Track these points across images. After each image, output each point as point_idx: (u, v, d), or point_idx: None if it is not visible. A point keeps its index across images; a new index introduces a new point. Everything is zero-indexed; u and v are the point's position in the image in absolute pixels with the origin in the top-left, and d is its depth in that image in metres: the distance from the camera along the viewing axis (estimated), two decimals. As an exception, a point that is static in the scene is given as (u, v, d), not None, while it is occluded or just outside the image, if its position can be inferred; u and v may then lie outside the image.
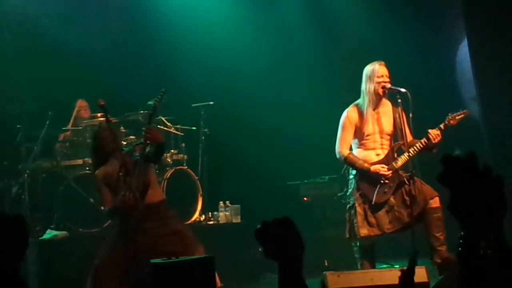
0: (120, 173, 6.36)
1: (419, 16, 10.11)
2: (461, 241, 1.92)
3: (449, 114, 7.09)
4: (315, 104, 10.37)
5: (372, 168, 7.01)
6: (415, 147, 6.99)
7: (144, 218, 6.42)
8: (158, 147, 6.46)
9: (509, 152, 8.84)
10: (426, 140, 6.96)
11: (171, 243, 6.46)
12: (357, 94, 7.29)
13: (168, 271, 5.34)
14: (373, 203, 7.00)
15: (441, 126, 7.02)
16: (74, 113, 9.76)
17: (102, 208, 7.00)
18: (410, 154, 6.99)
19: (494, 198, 1.91)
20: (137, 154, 6.46)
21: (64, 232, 8.71)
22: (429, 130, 6.99)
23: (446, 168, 1.93)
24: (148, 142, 6.40)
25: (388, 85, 7.06)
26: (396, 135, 7.19)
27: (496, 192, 1.92)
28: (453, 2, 9.90)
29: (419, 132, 7.14)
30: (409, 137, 7.12)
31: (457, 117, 7.07)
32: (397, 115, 7.13)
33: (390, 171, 7.02)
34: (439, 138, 6.97)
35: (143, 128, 6.60)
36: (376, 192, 7.00)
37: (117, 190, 6.39)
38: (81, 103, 9.83)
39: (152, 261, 5.47)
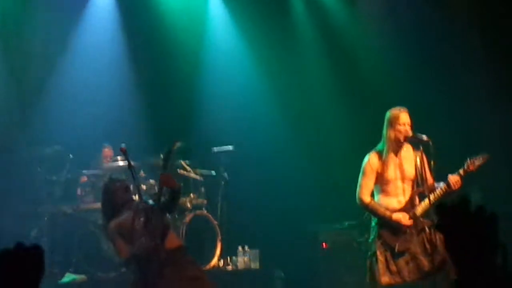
0: (136, 221, 6.37)
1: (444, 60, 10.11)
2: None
3: (468, 159, 7.06)
4: (335, 148, 10.36)
5: (394, 216, 6.96)
6: (435, 194, 6.95)
7: (163, 264, 6.41)
8: (173, 193, 6.47)
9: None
10: (446, 186, 6.93)
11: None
12: (378, 138, 7.27)
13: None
14: (396, 251, 6.93)
15: (461, 171, 6.99)
16: (102, 158, 9.81)
17: (118, 258, 6.95)
18: (430, 200, 6.95)
19: (485, 239, 1.91)
20: (152, 201, 6.48)
21: (83, 276, 8.71)
22: (449, 176, 6.96)
23: (438, 216, 1.94)
24: (162, 188, 6.41)
25: (410, 133, 7.04)
26: (417, 179, 7.14)
27: (487, 233, 1.91)
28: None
29: (439, 178, 7.10)
30: (430, 181, 7.08)
31: (476, 162, 7.04)
32: (418, 160, 7.10)
33: (411, 220, 6.97)
34: (459, 184, 6.94)
35: (160, 174, 6.62)
36: (398, 240, 6.94)
37: (133, 239, 6.38)
38: (108, 152, 9.86)
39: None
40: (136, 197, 8.40)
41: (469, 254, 1.90)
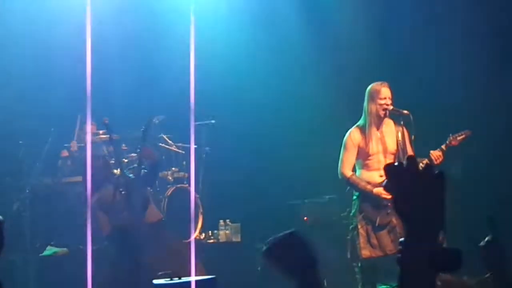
0: (117, 195, 6.39)
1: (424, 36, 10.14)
2: (401, 246, 1.94)
3: (451, 134, 7.13)
4: (316, 123, 10.37)
5: (375, 190, 7.01)
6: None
7: (144, 237, 6.44)
8: (153, 166, 6.49)
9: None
10: (428, 161, 6.99)
11: (171, 261, 6.48)
12: (359, 113, 7.31)
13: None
14: (376, 225, 7.00)
15: (443, 146, 7.05)
16: (77, 132, 9.74)
17: (102, 232, 6.97)
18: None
19: (433, 198, 1.93)
20: (132, 175, 6.50)
21: (65, 249, 8.71)
22: (431, 151, 7.02)
23: (386, 176, 1.96)
24: (142, 161, 6.44)
25: (391, 107, 7.09)
26: (398, 154, 7.20)
27: (435, 192, 1.94)
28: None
29: (420, 153, 7.16)
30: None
31: (458, 138, 7.13)
32: (399, 134, 7.16)
33: (393, 194, 7.01)
34: (441, 159, 7.01)
35: (138, 147, 6.63)
36: (379, 214, 7.00)
37: (114, 212, 6.40)
38: (91, 128, 9.83)
39: (154, 282, 5.47)
40: (117, 171, 8.43)
41: (415, 214, 1.93)
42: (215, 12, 10.82)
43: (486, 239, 2.85)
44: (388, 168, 1.95)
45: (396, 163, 1.97)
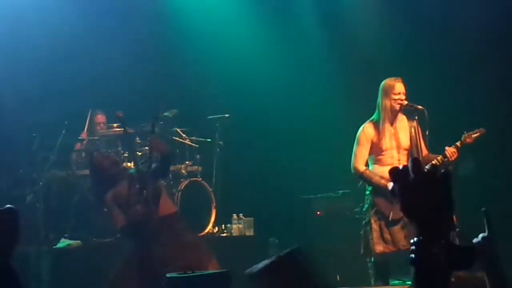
0: (132, 190, 6.41)
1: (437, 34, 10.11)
2: (413, 247, 1.94)
3: (465, 132, 7.11)
4: (330, 117, 10.35)
5: (389, 184, 7.00)
6: (432, 164, 6.99)
7: (158, 230, 6.45)
8: (163, 158, 6.49)
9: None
10: (443, 158, 6.97)
11: (185, 255, 6.49)
12: (373, 108, 7.30)
13: (184, 285, 5.34)
14: (390, 219, 6.98)
15: (458, 144, 7.03)
16: (87, 124, 9.77)
17: (115, 227, 6.99)
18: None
19: (440, 198, 1.93)
20: (145, 167, 6.51)
21: (78, 241, 8.75)
22: (446, 148, 7.00)
23: (392, 180, 1.96)
24: (152, 153, 6.44)
25: (405, 102, 7.07)
26: (412, 150, 7.18)
27: (442, 192, 1.93)
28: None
29: (434, 149, 7.14)
30: (425, 152, 7.12)
31: (473, 136, 7.10)
32: (413, 130, 7.14)
33: (407, 188, 6.99)
34: (455, 156, 6.98)
35: (148, 139, 6.63)
36: (392, 209, 6.98)
37: (129, 207, 6.42)
38: (100, 118, 9.86)
39: (168, 275, 5.47)
40: (130, 164, 8.45)
41: (424, 215, 1.92)
42: (228, 7, 10.84)
43: (481, 235, 2.83)
44: (393, 172, 1.95)
45: (400, 166, 1.96)
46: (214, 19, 10.91)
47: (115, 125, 9.32)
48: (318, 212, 9.64)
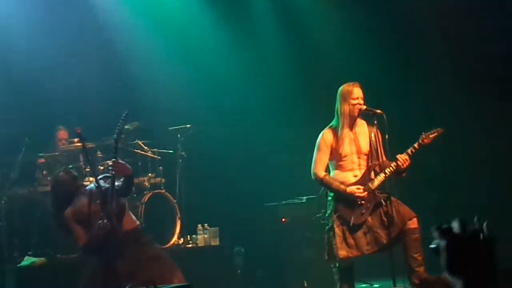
0: (92, 205, 6.37)
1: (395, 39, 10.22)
2: None
3: (423, 133, 7.16)
4: (292, 124, 10.41)
5: (348, 189, 7.03)
6: (386, 171, 7.04)
7: (121, 245, 6.42)
8: (127, 179, 6.48)
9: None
10: (395, 165, 7.02)
11: (149, 269, 6.46)
12: (333, 114, 7.32)
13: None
14: (351, 224, 7.01)
15: (415, 145, 7.08)
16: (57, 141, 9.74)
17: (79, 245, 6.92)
18: (385, 175, 7.05)
19: (483, 260, 1.96)
20: (106, 184, 6.47)
21: (42, 259, 8.67)
22: (398, 156, 7.05)
23: (440, 236, 1.99)
24: (115, 174, 6.41)
25: (364, 107, 7.11)
26: (372, 154, 7.21)
27: (485, 255, 1.96)
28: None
29: (394, 152, 7.17)
30: (383, 157, 7.16)
31: (430, 136, 7.15)
32: (372, 135, 7.18)
33: (366, 192, 7.05)
34: (407, 163, 7.03)
35: (110, 162, 6.59)
36: (353, 213, 7.02)
37: (90, 223, 6.38)
38: (63, 134, 9.80)
39: (129, 291, 5.44)
40: (92, 179, 8.38)
41: (469, 274, 1.95)
42: (186, 16, 10.85)
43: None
44: (440, 230, 1.98)
45: (447, 226, 1.99)
46: (172, 29, 10.91)
47: (75, 140, 9.26)
48: (284, 219, 9.65)
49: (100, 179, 6.61)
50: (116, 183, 6.40)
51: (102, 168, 8.95)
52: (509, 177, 9.34)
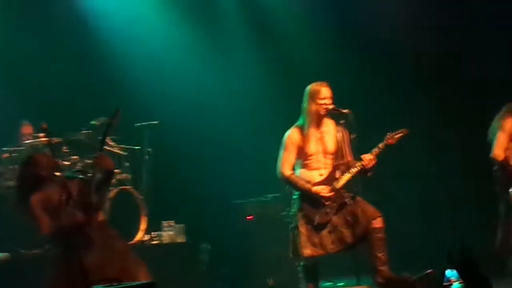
0: (63, 196, 6.31)
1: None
2: None
3: (388, 133, 7.20)
4: (258, 122, 10.43)
5: (313, 189, 7.06)
6: (352, 170, 7.08)
7: (87, 238, 6.38)
8: (109, 173, 6.44)
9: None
10: (361, 164, 7.06)
11: (116, 262, 6.43)
12: (300, 112, 7.32)
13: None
14: (315, 223, 7.04)
15: (380, 145, 7.12)
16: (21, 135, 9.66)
17: (40, 233, 6.85)
18: (350, 174, 7.08)
19: None
20: (80, 175, 6.43)
21: (6, 254, 8.60)
22: (363, 156, 7.09)
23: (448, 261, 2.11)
24: (97, 167, 6.35)
25: (331, 107, 7.13)
26: (338, 154, 7.23)
27: None
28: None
29: (361, 152, 7.20)
30: (349, 157, 7.19)
31: (395, 136, 7.20)
32: (339, 134, 7.20)
33: (331, 192, 7.07)
34: (372, 163, 7.07)
35: (95, 155, 6.51)
36: (318, 212, 7.05)
37: (59, 214, 6.31)
38: (27, 129, 9.72)
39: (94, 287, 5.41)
40: (58, 174, 8.32)
41: None
42: (153, 13, 10.84)
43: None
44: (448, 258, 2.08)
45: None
46: (138, 24, 10.89)
47: (40, 134, 9.17)
48: (249, 217, 9.67)
49: (75, 172, 6.57)
50: (98, 176, 6.36)
51: (68, 163, 8.89)
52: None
